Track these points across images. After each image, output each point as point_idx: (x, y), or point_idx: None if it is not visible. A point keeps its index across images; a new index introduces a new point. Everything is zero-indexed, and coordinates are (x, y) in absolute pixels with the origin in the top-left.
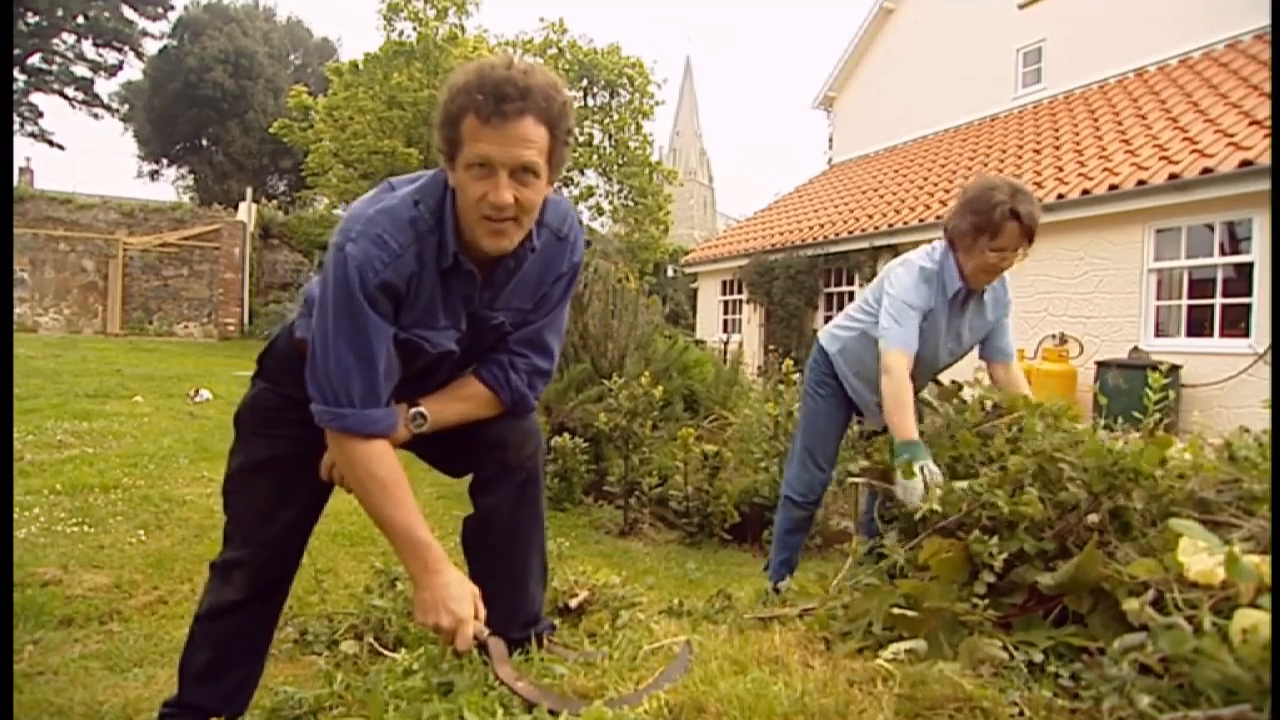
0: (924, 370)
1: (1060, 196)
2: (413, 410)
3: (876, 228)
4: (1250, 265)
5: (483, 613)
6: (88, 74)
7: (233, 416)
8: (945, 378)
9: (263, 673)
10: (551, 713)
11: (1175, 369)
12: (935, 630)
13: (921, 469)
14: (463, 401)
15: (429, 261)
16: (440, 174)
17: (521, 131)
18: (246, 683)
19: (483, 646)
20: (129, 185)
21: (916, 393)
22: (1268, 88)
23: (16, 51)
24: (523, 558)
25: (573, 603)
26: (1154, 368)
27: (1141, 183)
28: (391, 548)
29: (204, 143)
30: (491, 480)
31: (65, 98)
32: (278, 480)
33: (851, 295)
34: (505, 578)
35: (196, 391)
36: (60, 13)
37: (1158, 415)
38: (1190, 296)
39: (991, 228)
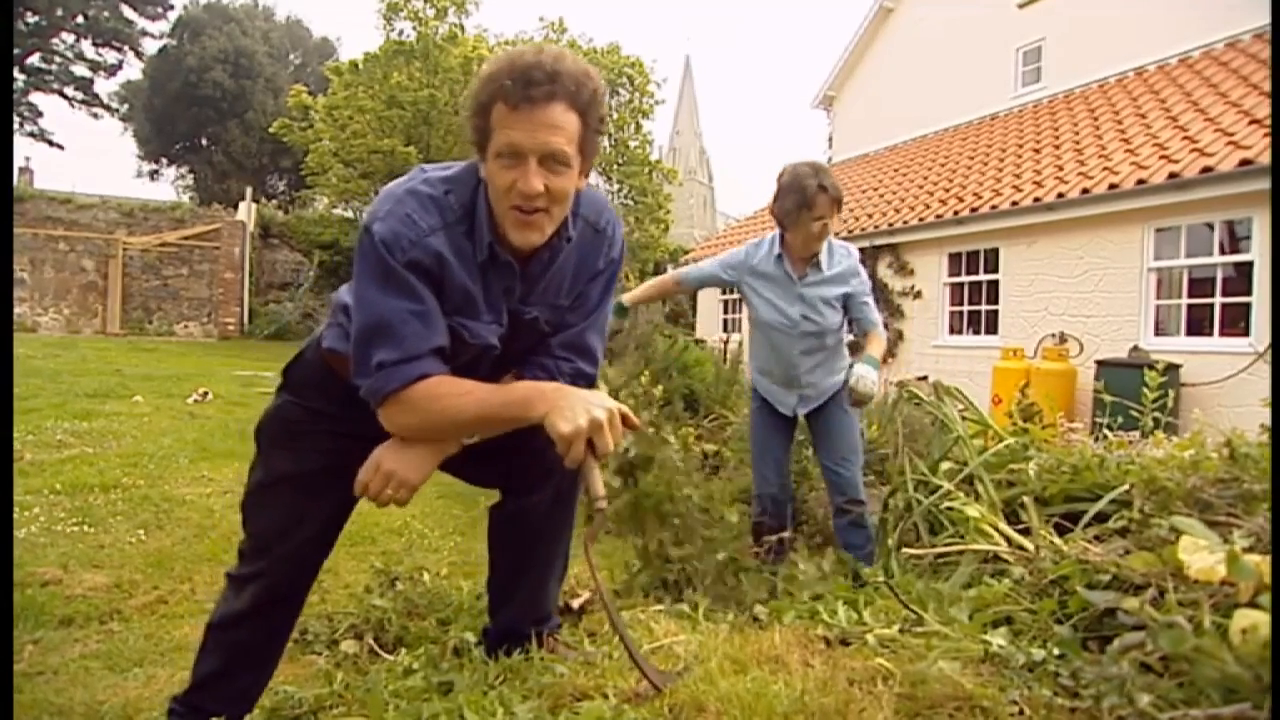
0: (788, 335)
1: (1060, 195)
2: None
3: (876, 227)
4: (1250, 264)
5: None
6: (87, 74)
7: (254, 430)
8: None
9: (272, 676)
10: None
11: (1175, 368)
12: None
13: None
14: None
15: (461, 252)
16: (473, 166)
17: (550, 117)
18: (255, 686)
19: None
20: (128, 185)
21: (789, 365)
22: (1267, 87)
23: (15, 51)
24: (550, 557)
25: (575, 603)
26: (1152, 366)
27: (1141, 182)
28: (509, 422)
29: (204, 142)
30: (535, 483)
31: (65, 97)
32: (300, 495)
33: None
34: (529, 574)
35: (204, 395)
36: (59, 12)
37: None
38: (1190, 295)
39: (808, 201)
